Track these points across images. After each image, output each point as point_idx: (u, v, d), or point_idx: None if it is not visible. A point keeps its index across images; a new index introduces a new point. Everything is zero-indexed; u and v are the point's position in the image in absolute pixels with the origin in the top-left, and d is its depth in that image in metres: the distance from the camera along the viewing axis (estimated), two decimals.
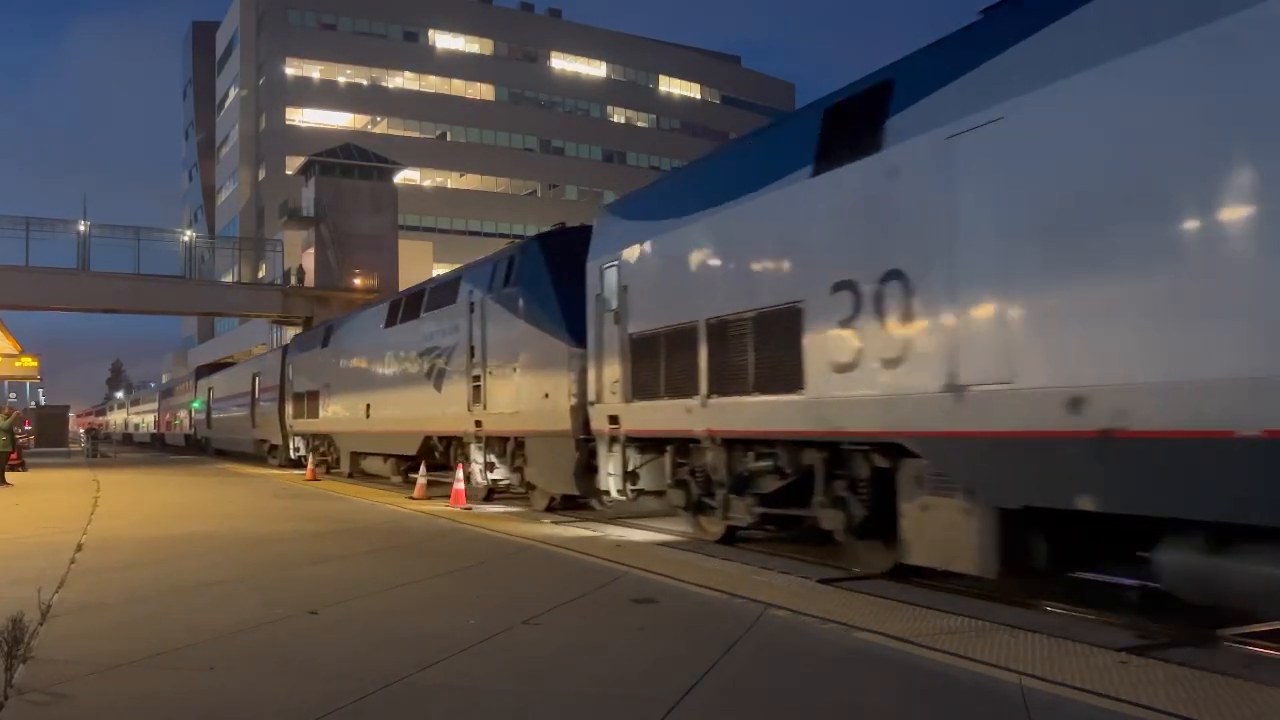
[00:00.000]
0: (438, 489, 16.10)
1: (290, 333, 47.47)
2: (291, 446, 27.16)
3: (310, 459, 23.95)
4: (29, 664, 4.82)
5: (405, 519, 12.71)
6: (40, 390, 67.75)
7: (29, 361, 34.44)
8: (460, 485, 14.31)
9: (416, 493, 16.04)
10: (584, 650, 5.31)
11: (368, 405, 19.95)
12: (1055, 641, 5.23)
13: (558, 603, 6.49)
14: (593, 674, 4.83)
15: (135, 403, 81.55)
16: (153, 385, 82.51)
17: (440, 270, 34.57)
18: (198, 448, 45.08)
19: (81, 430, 73.18)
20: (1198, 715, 3.92)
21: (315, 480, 21.22)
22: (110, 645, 5.34)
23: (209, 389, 41.22)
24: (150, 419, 67.13)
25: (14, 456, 22.83)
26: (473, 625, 5.79)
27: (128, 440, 77.05)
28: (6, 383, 49.00)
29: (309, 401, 24.67)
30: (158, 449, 56.43)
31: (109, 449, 50.93)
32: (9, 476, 20.46)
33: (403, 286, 32.80)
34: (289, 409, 26.90)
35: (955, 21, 6.98)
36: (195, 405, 45.81)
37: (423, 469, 16.99)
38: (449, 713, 4.25)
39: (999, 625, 5.71)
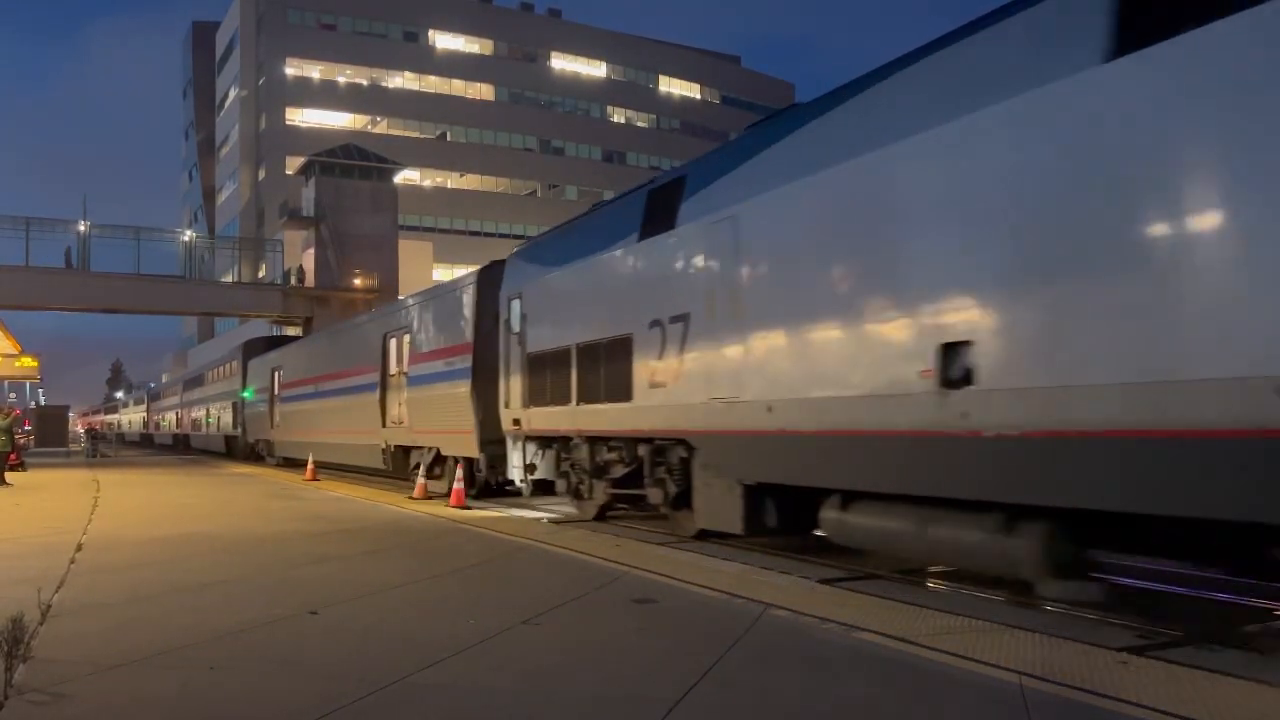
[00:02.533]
0: (437, 489, 16.07)
1: (291, 334, 47.02)
2: (521, 457, 13.70)
3: (571, 488, 12.75)
4: (29, 664, 4.82)
5: (406, 519, 12.70)
6: (40, 390, 67.73)
7: (29, 361, 34.46)
8: (459, 485, 14.29)
9: (416, 493, 16.05)
10: (584, 650, 5.31)
11: (940, 348, 6.50)
12: (1055, 641, 5.23)
13: (558, 602, 6.49)
14: (593, 674, 4.83)
15: (156, 398, 68.51)
16: (151, 383, 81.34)
17: (441, 272, 33.46)
18: (249, 454, 33.75)
19: (81, 430, 73.10)
20: (1198, 715, 3.92)
21: (315, 480, 21.22)
22: (110, 645, 5.34)
23: (274, 371, 29.86)
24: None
25: (13, 456, 22.84)
26: (473, 625, 5.79)
27: (148, 442, 68.21)
28: (6, 383, 49.09)
29: (585, 368, 11.78)
30: (182, 451, 48.71)
31: (109, 449, 50.86)
32: (9, 476, 20.46)
33: (403, 287, 31.13)
34: (514, 387, 13.72)
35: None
36: (246, 395, 33.74)
37: (422, 468, 16.90)
38: (449, 713, 4.25)
39: (999, 625, 5.71)
